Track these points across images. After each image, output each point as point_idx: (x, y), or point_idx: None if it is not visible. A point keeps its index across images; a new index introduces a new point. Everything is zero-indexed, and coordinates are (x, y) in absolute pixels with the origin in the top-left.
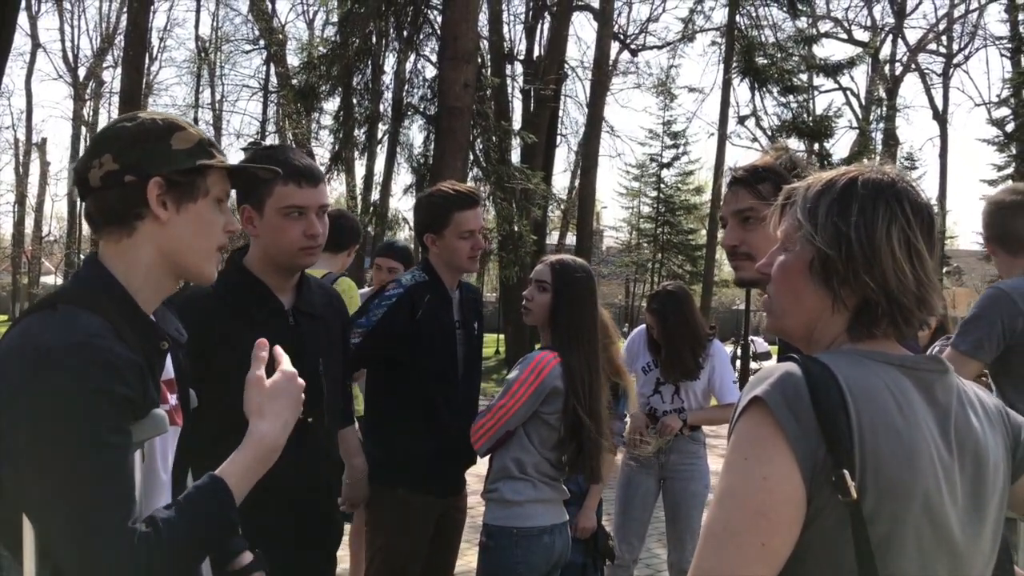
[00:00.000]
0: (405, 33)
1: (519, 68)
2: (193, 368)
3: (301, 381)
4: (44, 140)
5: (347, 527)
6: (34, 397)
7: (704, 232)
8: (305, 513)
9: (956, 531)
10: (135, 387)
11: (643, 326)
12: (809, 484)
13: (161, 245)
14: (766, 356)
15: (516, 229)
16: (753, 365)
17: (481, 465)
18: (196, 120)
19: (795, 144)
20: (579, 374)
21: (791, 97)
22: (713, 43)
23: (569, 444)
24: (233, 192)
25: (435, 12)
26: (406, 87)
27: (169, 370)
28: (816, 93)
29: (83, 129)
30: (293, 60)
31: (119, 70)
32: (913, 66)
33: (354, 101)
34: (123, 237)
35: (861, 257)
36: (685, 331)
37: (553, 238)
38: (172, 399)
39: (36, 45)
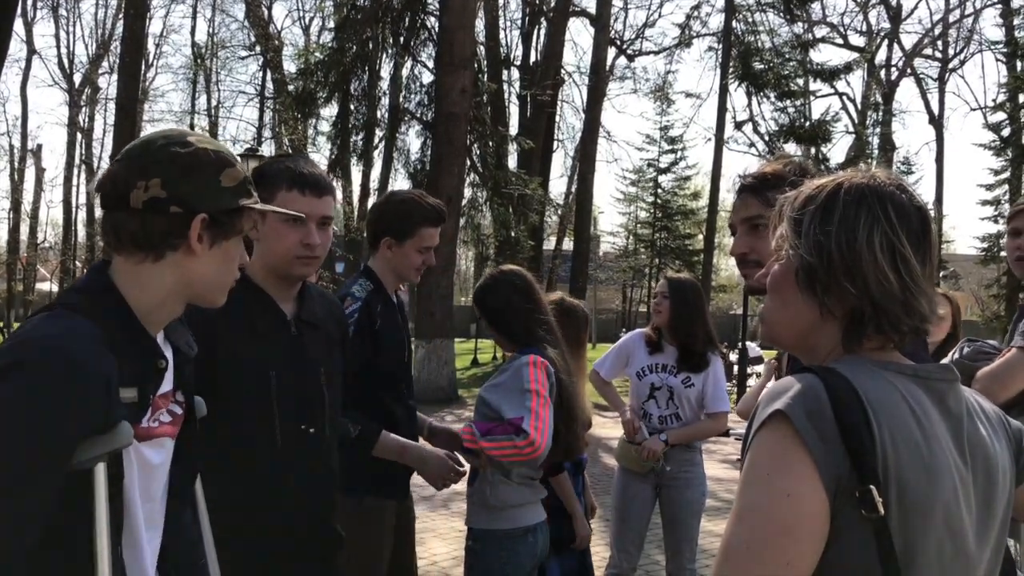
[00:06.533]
0: (402, 39)
1: (516, 74)
2: (198, 378)
3: None
4: (39, 147)
5: None
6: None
7: (701, 237)
8: (305, 525)
9: (971, 541)
10: (99, 404)
11: (637, 330)
12: (833, 500)
13: (185, 275)
14: (758, 361)
15: (513, 234)
16: (747, 369)
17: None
18: (192, 126)
19: (792, 149)
20: (556, 363)
21: (788, 102)
22: (710, 48)
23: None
24: None
25: (432, 18)
26: (403, 93)
27: (167, 383)
28: (813, 98)
29: (79, 135)
30: (290, 66)
31: (115, 76)
32: (909, 71)
33: (351, 107)
34: (146, 260)
35: (841, 264)
36: (699, 311)
37: (550, 243)
38: (166, 415)
39: (32, 51)
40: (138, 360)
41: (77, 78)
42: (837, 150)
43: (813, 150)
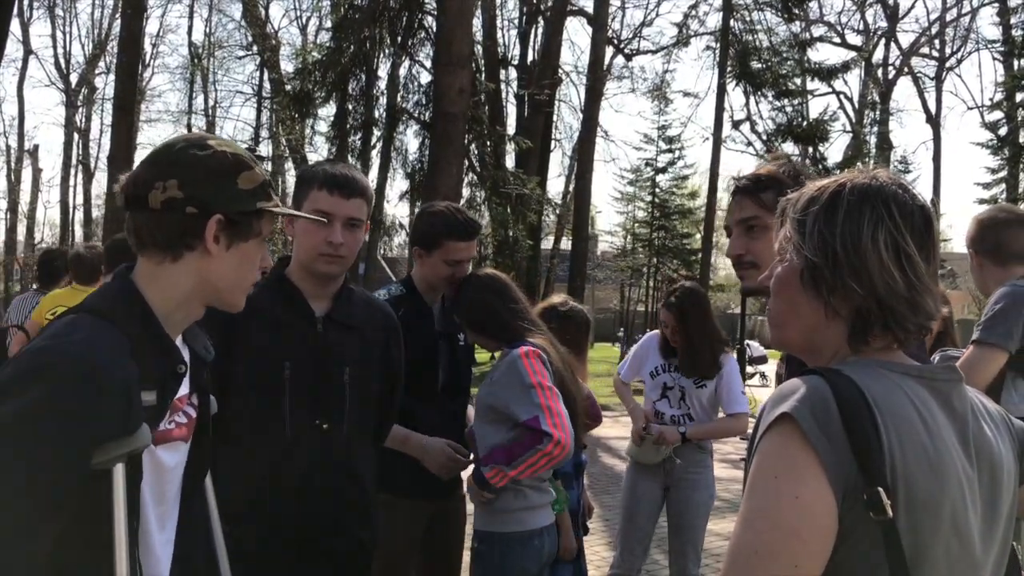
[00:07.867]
0: (400, 39)
1: (513, 73)
2: (216, 365)
3: None
4: (36, 147)
5: None
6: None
7: (699, 236)
8: (315, 521)
9: (977, 542)
10: (118, 411)
11: (654, 332)
12: (840, 502)
13: (204, 276)
14: (762, 360)
15: (511, 234)
16: (749, 369)
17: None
18: (189, 126)
19: (790, 149)
20: (546, 349)
21: (785, 101)
22: (707, 48)
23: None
24: None
25: (430, 18)
26: (401, 93)
27: (184, 386)
28: (810, 97)
29: (75, 136)
30: (287, 66)
31: (112, 76)
32: (906, 70)
33: (349, 107)
34: (166, 261)
35: (846, 263)
36: (705, 327)
37: (548, 243)
38: (181, 416)
39: (28, 51)
40: (159, 364)
41: (74, 78)
42: (834, 149)
43: (811, 149)
